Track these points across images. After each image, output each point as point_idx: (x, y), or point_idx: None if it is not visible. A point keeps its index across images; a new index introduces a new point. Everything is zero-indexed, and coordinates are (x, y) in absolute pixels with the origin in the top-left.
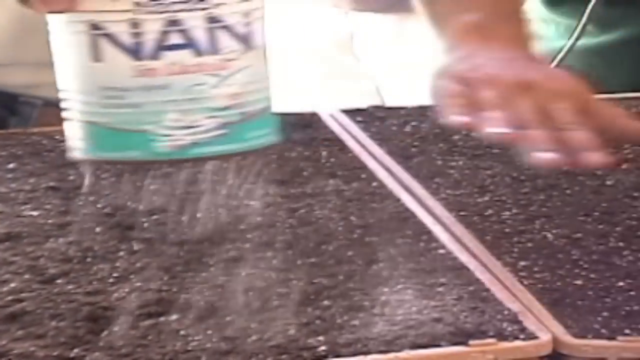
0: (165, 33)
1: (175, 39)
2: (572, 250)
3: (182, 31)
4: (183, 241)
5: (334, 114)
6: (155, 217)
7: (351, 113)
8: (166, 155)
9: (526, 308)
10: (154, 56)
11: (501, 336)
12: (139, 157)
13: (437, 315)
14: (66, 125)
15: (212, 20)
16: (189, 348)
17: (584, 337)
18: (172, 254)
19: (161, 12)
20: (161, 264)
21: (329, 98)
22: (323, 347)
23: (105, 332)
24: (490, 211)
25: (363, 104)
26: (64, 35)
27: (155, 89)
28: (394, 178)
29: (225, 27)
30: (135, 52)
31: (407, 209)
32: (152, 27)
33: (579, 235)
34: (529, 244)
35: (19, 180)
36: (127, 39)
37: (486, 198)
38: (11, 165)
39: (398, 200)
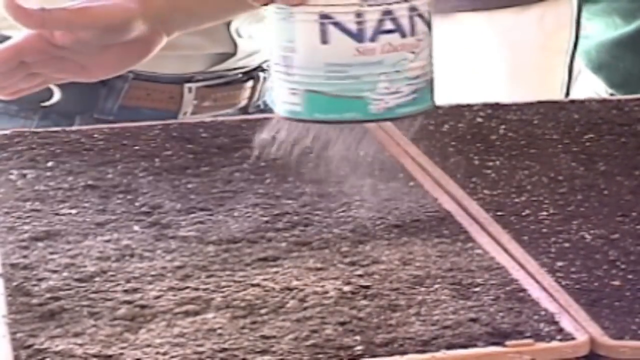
0: (381, 21)
1: (388, 25)
2: (610, 251)
3: (393, 19)
4: (220, 240)
5: None
6: (192, 215)
7: None
8: (377, 116)
9: (563, 309)
10: (373, 39)
11: (538, 337)
12: (356, 118)
13: (474, 315)
14: (280, 93)
15: (413, 9)
16: (226, 347)
17: (621, 338)
18: (209, 252)
19: (379, 5)
20: (198, 263)
21: None
22: (359, 347)
23: (143, 331)
24: (527, 211)
25: None
26: (293, 22)
27: (372, 65)
28: (430, 178)
29: (420, 15)
30: (358, 36)
31: (443, 209)
32: (372, 16)
33: (616, 235)
34: (566, 244)
35: (57, 178)
36: (352, 26)
37: (523, 198)
38: (50, 164)
39: (435, 200)
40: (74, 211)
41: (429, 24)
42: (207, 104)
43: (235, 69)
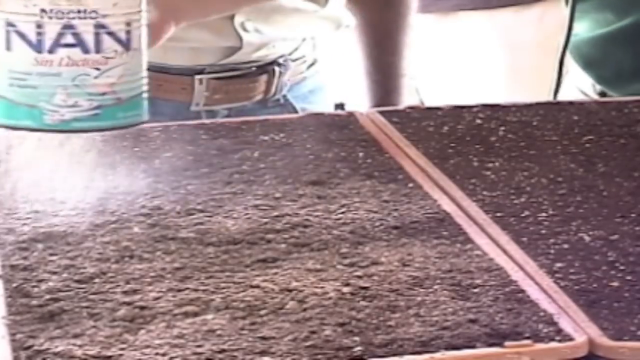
0: (61, 34)
1: (69, 39)
2: (609, 252)
3: (75, 34)
4: (220, 241)
5: (370, 114)
6: (192, 217)
7: (387, 114)
8: (52, 127)
9: (562, 309)
10: (51, 51)
11: (537, 337)
12: (30, 127)
13: (473, 316)
14: None
15: (99, 27)
16: (225, 347)
17: (620, 339)
18: (209, 254)
19: (60, 18)
20: (197, 264)
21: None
22: (358, 348)
23: (142, 332)
24: (526, 212)
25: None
26: None
27: (50, 76)
28: (430, 179)
29: (109, 33)
30: (37, 46)
31: (443, 210)
32: (52, 28)
33: (615, 236)
34: (565, 246)
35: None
36: (32, 36)
37: (522, 199)
38: None
39: (434, 201)
40: (73, 212)
41: (125, 43)
42: (218, 96)
43: (246, 62)
